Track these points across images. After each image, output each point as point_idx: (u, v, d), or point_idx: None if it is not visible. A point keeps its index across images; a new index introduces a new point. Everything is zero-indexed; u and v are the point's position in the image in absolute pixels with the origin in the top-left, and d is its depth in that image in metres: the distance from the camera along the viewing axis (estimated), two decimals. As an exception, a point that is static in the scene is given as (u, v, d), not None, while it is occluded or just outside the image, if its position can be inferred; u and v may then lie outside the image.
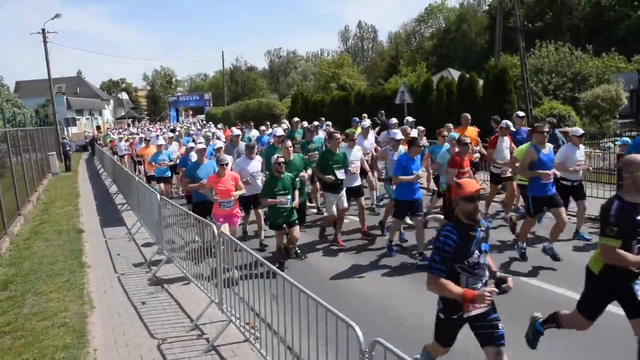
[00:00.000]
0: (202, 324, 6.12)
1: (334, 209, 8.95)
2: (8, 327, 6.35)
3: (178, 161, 12.98)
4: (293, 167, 8.68)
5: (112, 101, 78.23)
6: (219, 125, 25.47)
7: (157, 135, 19.00)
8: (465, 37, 64.64)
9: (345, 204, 9.09)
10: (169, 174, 13.70)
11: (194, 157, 10.40)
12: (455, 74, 33.40)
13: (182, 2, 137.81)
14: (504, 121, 10.33)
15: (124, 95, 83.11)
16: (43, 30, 32.91)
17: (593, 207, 8.00)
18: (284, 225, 7.98)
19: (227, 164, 8.01)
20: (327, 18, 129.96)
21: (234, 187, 8.00)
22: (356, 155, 9.53)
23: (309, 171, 9.61)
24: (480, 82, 20.78)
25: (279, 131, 10.99)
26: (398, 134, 9.64)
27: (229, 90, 73.68)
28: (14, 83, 58.19)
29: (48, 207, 15.48)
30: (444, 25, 71.15)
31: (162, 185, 13.30)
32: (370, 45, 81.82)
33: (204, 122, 48.07)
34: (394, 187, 8.58)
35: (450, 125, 11.35)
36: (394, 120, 12.75)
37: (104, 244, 10.59)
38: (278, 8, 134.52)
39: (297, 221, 8.17)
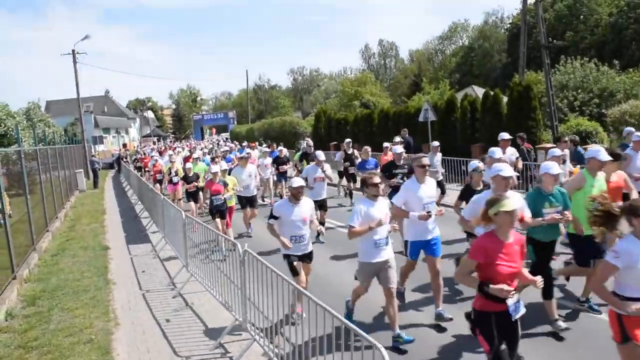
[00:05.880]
0: (226, 342, 6.10)
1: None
2: (35, 343, 6.43)
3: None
4: None
5: (138, 119, 79.63)
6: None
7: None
8: (488, 53, 64.31)
9: None
10: None
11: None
12: (479, 91, 33.15)
13: (207, 22, 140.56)
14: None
15: (150, 114, 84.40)
16: (73, 51, 33.70)
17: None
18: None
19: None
20: (349, 36, 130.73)
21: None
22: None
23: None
24: (505, 99, 20.58)
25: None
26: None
27: (253, 109, 74.49)
28: (45, 103, 59.65)
29: (75, 224, 15.73)
30: (466, 43, 70.96)
31: None
32: (392, 63, 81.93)
33: (228, 139, 48.71)
34: None
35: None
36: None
37: (129, 260, 10.70)
38: (300, 27, 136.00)
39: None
